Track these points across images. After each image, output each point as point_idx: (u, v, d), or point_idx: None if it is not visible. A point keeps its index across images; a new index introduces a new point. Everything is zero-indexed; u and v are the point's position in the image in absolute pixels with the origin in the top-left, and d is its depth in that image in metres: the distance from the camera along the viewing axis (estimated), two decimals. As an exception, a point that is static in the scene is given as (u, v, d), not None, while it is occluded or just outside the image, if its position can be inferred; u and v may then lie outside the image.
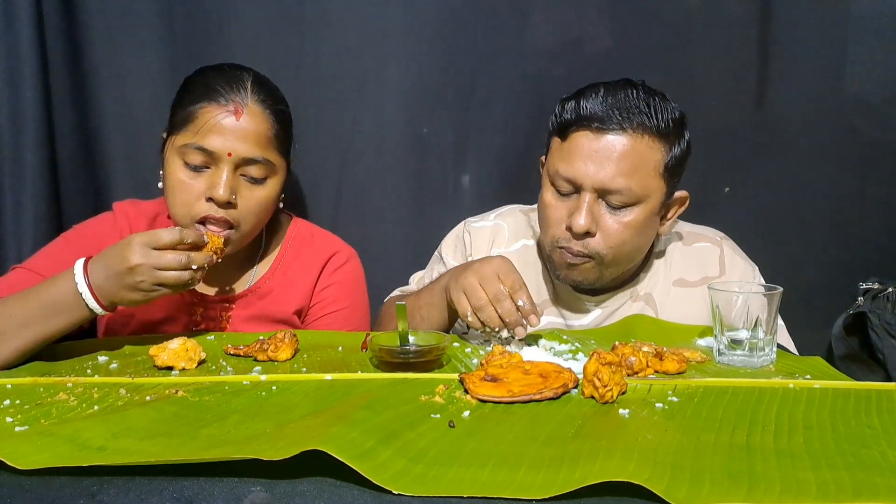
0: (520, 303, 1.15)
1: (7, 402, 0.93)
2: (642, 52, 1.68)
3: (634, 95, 1.25)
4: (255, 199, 1.30)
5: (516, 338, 1.17)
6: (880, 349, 1.54)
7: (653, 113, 1.25)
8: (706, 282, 1.39)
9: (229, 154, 1.25)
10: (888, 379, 1.50)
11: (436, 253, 1.55)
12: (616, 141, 1.24)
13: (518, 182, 1.72)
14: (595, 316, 1.41)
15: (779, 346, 1.21)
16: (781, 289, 1.16)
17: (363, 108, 1.69)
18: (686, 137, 1.31)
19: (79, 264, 1.11)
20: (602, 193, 1.26)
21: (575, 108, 1.26)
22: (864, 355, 1.57)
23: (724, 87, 1.36)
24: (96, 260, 1.12)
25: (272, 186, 1.32)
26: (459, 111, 1.71)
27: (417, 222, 1.74)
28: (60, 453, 0.75)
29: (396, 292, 1.54)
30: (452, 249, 1.51)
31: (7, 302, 1.13)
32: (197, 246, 1.16)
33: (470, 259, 1.45)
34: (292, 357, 1.13)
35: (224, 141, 1.25)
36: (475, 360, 1.12)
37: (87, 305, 1.10)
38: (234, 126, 1.26)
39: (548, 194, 1.33)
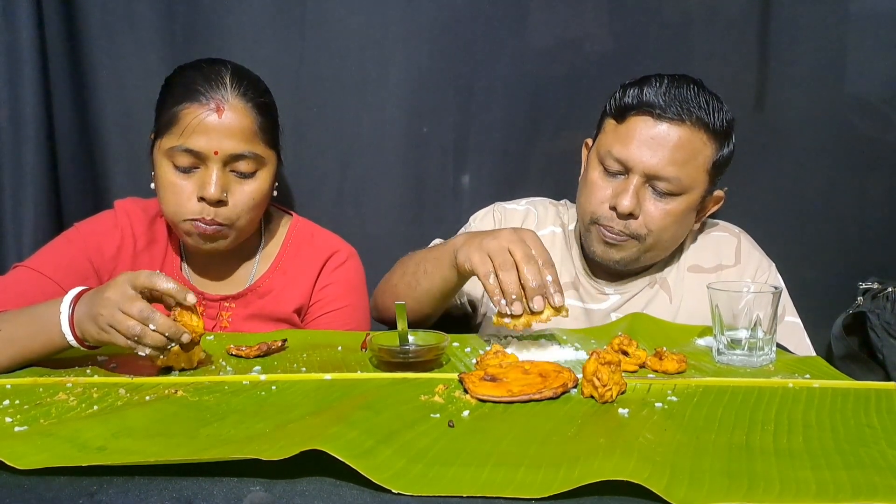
0: (548, 278, 1.09)
1: (7, 402, 0.93)
2: (642, 52, 1.68)
3: (695, 92, 1.31)
4: (247, 193, 1.30)
5: (533, 309, 1.08)
6: (880, 349, 1.54)
7: (711, 111, 1.30)
8: (720, 269, 1.43)
9: (216, 152, 1.25)
10: (888, 379, 1.50)
11: (462, 228, 1.55)
12: (673, 130, 1.29)
13: (518, 182, 1.72)
14: (613, 301, 1.44)
15: (778, 345, 1.21)
16: (782, 289, 1.16)
17: (363, 108, 1.69)
18: (733, 141, 1.36)
19: (73, 291, 1.06)
20: (650, 178, 1.31)
21: (637, 94, 1.31)
22: (864, 355, 1.57)
23: (723, 87, 1.36)
24: (93, 290, 1.06)
25: (263, 179, 1.32)
26: (459, 111, 1.71)
27: (417, 222, 1.74)
28: (60, 453, 0.75)
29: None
30: (480, 220, 1.52)
31: (4, 315, 1.12)
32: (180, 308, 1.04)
33: None
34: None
35: (209, 140, 1.25)
36: (474, 360, 1.12)
37: (63, 333, 1.03)
38: (217, 124, 1.25)
39: (594, 173, 1.36)
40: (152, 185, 1.33)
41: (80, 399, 0.94)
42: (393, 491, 0.69)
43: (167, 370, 1.07)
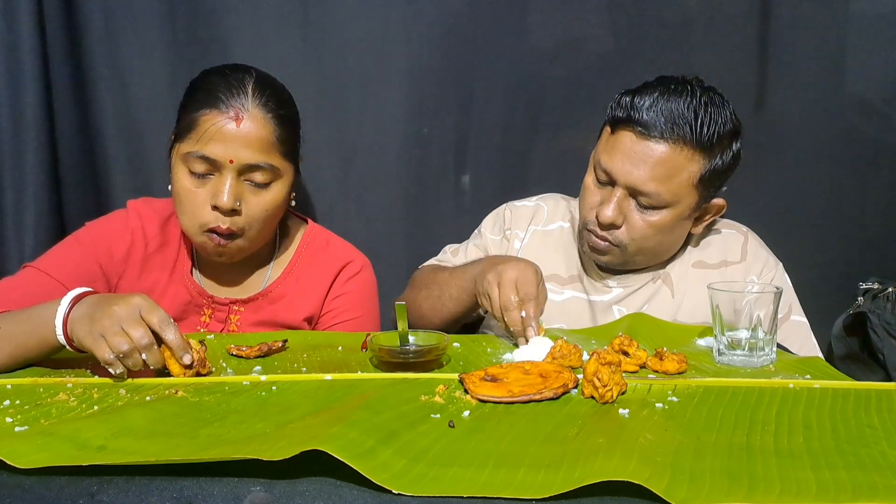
0: (522, 314, 1.19)
1: (7, 402, 0.93)
2: (642, 52, 1.68)
3: (686, 105, 1.28)
4: (261, 204, 1.28)
5: (525, 340, 1.20)
6: (880, 349, 1.54)
7: (698, 125, 1.28)
8: (725, 265, 1.44)
9: (231, 161, 1.24)
10: (888, 379, 1.50)
11: (476, 230, 1.60)
12: (655, 148, 1.29)
13: (518, 181, 1.72)
14: (616, 294, 1.46)
15: (779, 345, 1.21)
16: (783, 289, 1.16)
17: (364, 109, 1.69)
18: (733, 149, 1.35)
19: (75, 291, 1.06)
20: (633, 192, 1.32)
21: (627, 107, 1.31)
22: (864, 355, 1.57)
23: (723, 88, 1.36)
24: (100, 296, 1.05)
25: (278, 190, 1.30)
26: (459, 111, 1.71)
27: (417, 222, 1.74)
28: (60, 453, 0.75)
29: (433, 261, 1.57)
30: (492, 224, 1.57)
31: (5, 314, 1.11)
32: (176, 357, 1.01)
33: (508, 232, 1.54)
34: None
35: (225, 148, 1.24)
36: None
37: (54, 329, 1.03)
38: (234, 133, 1.24)
39: (589, 178, 1.40)
40: (170, 187, 1.32)
41: (81, 399, 0.94)
42: (393, 491, 0.69)
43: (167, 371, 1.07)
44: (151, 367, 1.00)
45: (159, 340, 1.01)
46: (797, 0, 1.67)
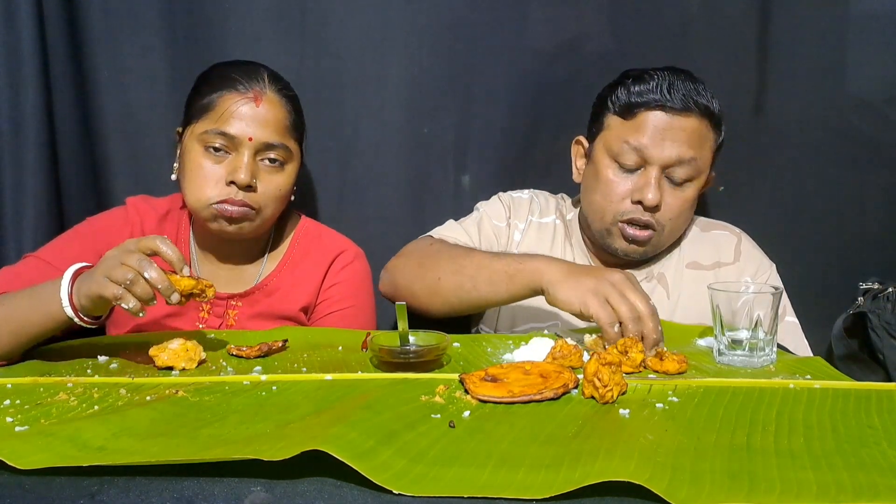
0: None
1: (7, 402, 0.93)
2: (642, 53, 1.67)
3: (693, 82, 1.36)
4: (275, 183, 1.33)
5: (648, 357, 1.09)
6: (880, 349, 1.53)
7: (710, 99, 1.37)
8: (719, 266, 1.46)
9: (250, 139, 1.29)
10: (888, 379, 1.50)
11: (467, 217, 1.55)
12: (686, 121, 1.35)
13: (518, 182, 1.72)
14: None
15: (779, 345, 1.21)
16: (782, 289, 1.16)
17: (363, 109, 1.69)
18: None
19: (76, 265, 1.09)
20: (668, 167, 1.36)
21: (644, 90, 1.36)
22: (864, 355, 1.57)
23: (723, 88, 1.37)
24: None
25: (290, 173, 1.36)
26: (459, 111, 1.71)
27: (417, 222, 1.73)
28: (60, 453, 0.75)
29: (442, 235, 1.48)
30: (496, 211, 1.54)
31: (6, 295, 1.14)
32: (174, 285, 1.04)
33: (510, 221, 1.52)
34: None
35: (245, 126, 1.29)
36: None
37: (60, 300, 1.05)
38: (254, 112, 1.30)
39: (608, 171, 1.40)
40: (173, 177, 1.36)
41: (81, 399, 0.94)
42: (393, 491, 0.69)
43: (168, 370, 1.07)
44: (159, 288, 1.02)
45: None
46: (797, 0, 1.67)
